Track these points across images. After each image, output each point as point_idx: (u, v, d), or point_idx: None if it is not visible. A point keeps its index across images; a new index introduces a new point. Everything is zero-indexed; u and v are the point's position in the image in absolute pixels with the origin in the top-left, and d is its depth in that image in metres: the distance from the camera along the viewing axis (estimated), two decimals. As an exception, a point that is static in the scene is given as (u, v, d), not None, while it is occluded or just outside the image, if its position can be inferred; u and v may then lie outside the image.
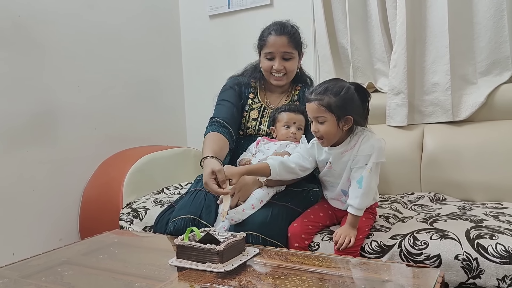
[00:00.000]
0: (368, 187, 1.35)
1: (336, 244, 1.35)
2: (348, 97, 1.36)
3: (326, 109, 1.35)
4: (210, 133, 1.67)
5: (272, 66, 1.74)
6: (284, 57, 1.73)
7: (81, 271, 1.24)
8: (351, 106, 1.37)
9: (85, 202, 2.24)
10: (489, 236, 1.28)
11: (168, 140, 2.74)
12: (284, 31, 1.72)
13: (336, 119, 1.36)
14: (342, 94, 1.35)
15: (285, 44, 1.72)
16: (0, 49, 1.92)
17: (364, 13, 2.23)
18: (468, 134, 1.94)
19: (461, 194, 1.88)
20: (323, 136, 1.38)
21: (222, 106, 1.78)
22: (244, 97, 1.83)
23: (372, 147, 1.36)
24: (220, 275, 1.10)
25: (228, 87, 1.84)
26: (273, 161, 1.45)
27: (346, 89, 1.37)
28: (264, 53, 1.76)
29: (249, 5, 2.62)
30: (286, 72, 1.75)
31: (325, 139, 1.39)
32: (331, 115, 1.35)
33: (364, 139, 1.39)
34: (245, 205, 1.47)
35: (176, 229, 1.49)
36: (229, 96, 1.80)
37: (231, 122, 1.73)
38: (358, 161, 1.38)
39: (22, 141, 2.00)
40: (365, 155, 1.37)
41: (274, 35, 1.72)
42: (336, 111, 1.35)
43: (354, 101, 1.38)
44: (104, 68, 2.40)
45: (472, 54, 2.00)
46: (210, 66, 2.82)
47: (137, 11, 2.61)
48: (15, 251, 1.95)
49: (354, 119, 1.38)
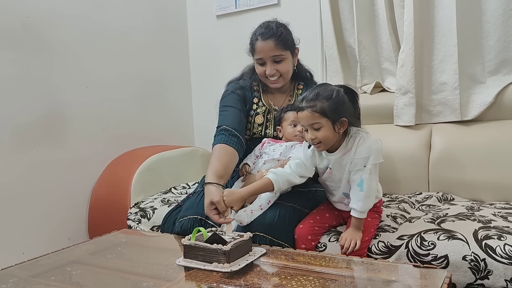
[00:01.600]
0: (369, 189, 1.34)
1: (342, 248, 1.34)
2: (340, 100, 1.36)
3: (321, 115, 1.34)
4: (217, 145, 1.60)
5: (265, 71, 1.70)
6: (274, 60, 1.68)
7: (89, 270, 1.25)
8: (344, 108, 1.36)
9: (93, 201, 2.26)
10: (497, 237, 1.27)
11: (175, 140, 2.76)
12: (270, 34, 1.65)
13: (332, 123, 1.35)
14: (334, 98, 1.35)
15: (272, 48, 1.66)
16: (9, 50, 1.94)
17: (371, 13, 2.23)
18: (476, 133, 1.93)
19: (469, 194, 1.87)
20: (321, 142, 1.37)
21: (229, 112, 1.71)
22: (248, 102, 1.78)
23: (369, 148, 1.35)
24: (227, 275, 1.10)
25: (231, 92, 1.77)
26: (275, 176, 1.42)
27: (336, 92, 1.36)
28: (255, 59, 1.72)
29: (256, 5, 2.62)
30: (281, 74, 1.70)
31: (322, 144, 1.38)
32: (326, 120, 1.34)
33: (360, 141, 1.37)
34: (253, 206, 1.47)
35: (183, 229, 1.49)
36: (233, 102, 1.74)
37: (239, 129, 1.66)
38: (356, 163, 1.36)
39: (31, 141, 2.03)
40: (363, 157, 1.35)
41: (260, 40, 1.66)
42: (330, 115, 1.34)
43: (346, 103, 1.38)
44: (112, 68, 2.41)
45: (480, 53, 1.99)
46: (217, 66, 2.83)
47: (145, 12, 2.62)
48: (25, 250, 1.97)
49: (348, 120, 1.37)
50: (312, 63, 1.90)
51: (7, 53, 1.93)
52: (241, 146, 1.65)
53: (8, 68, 1.94)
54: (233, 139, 1.61)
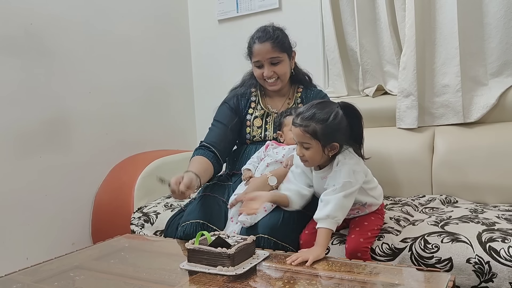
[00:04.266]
0: (334, 202, 1.29)
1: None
2: (335, 124, 1.31)
3: (311, 137, 1.31)
4: (195, 156, 1.70)
5: (262, 73, 1.75)
6: (272, 62, 1.74)
7: (92, 275, 1.25)
8: (338, 133, 1.33)
9: (97, 206, 2.27)
10: (502, 239, 1.27)
11: (178, 144, 2.76)
12: (266, 37, 1.72)
13: (322, 146, 1.32)
14: (329, 122, 1.31)
15: (270, 50, 1.72)
16: (13, 57, 1.96)
17: (372, 16, 2.23)
18: (479, 135, 1.92)
19: (473, 196, 1.86)
20: (307, 160, 1.36)
21: (214, 128, 1.81)
22: (241, 110, 1.83)
23: (341, 172, 1.32)
24: (232, 278, 1.10)
25: (224, 103, 1.86)
26: (290, 193, 1.44)
27: (334, 115, 1.32)
28: (253, 62, 1.78)
29: (258, 9, 2.63)
30: (278, 76, 1.76)
31: (308, 162, 1.38)
32: (317, 142, 1.32)
33: (339, 165, 1.34)
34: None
35: (185, 234, 1.50)
36: (222, 116, 1.82)
37: (219, 145, 1.74)
38: (328, 184, 1.34)
39: (35, 147, 2.04)
40: (336, 180, 1.32)
41: (258, 43, 1.73)
42: (322, 138, 1.31)
43: (341, 128, 1.33)
44: (115, 74, 2.43)
45: (482, 55, 1.98)
46: (219, 70, 2.84)
47: (147, 18, 2.64)
48: (29, 256, 1.98)
49: (340, 145, 1.35)
50: (314, 67, 1.91)
51: (10, 59, 1.95)
52: (217, 162, 1.72)
53: (12, 75, 1.95)
54: (210, 154, 1.71)
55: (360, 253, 1.33)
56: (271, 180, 1.55)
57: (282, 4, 2.56)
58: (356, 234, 1.38)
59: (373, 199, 1.45)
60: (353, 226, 1.43)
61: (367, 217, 1.45)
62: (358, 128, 1.38)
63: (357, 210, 1.45)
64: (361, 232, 1.39)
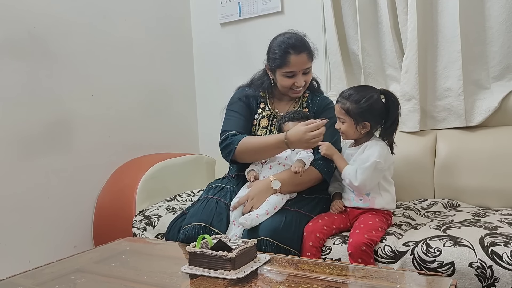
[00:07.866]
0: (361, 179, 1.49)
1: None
2: (367, 106, 1.51)
3: (346, 113, 1.54)
4: (245, 137, 1.66)
5: (293, 83, 1.71)
6: (304, 72, 1.72)
7: (93, 279, 1.26)
8: (369, 114, 1.52)
9: (98, 209, 2.27)
10: (504, 243, 1.26)
11: (180, 147, 2.76)
12: (302, 48, 1.68)
13: (354, 123, 1.53)
14: (362, 103, 1.51)
15: (306, 61, 1.69)
16: (16, 60, 1.96)
17: (374, 19, 2.23)
18: (481, 139, 1.92)
19: (475, 200, 1.86)
20: (343, 133, 1.59)
21: (234, 118, 1.77)
22: (253, 109, 1.82)
23: (368, 155, 1.52)
24: (233, 282, 1.10)
25: (237, 99, 1.82)
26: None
27: (367, 98, 1.52)
28: (285, 72, 1.70)
29: (260, 12, 2.64)
30: (305, 84, 1.75)
31: (345, 135, 1.59)
32: (350, 119, 1.54)
33: (368, 146, 1.55)
34: (259, 211, 1.47)
35: (187, 237, 1.50)
36: (238, 108, 1.79)
37: (245, 133, 1.73)
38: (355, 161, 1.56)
39: (37, 150, 2.04)
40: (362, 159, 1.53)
41: (294, 55, 1.66)
42: (354, 116, 1.53)
43: (374, 110, 1.53)
44: (117, 77, 2.43)
45: (485, 59, 1.98)
46: (221, 74, 2.84)
47: (149, 21, 2.65)
48: (31, 258, 1.98)
49: (371, 125, 1.54)
50: (316, 70, 1.91)
51: (14, 62, 1.95)
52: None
53: (15, 77, 1.96)
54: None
55: (364, 247, 1.34)
56: (274, 184, 1.55)
57: (284, 8, 2.56)
58: (360, 230, 1.42)
59: (380, 196, 1.53)
60: (357, 224, 1.47)
61: (372, 218, 1.49)
62: (393, 114, 1.55)
63: (360, 198, 1.55)
64: (366, 229, 1.42)
